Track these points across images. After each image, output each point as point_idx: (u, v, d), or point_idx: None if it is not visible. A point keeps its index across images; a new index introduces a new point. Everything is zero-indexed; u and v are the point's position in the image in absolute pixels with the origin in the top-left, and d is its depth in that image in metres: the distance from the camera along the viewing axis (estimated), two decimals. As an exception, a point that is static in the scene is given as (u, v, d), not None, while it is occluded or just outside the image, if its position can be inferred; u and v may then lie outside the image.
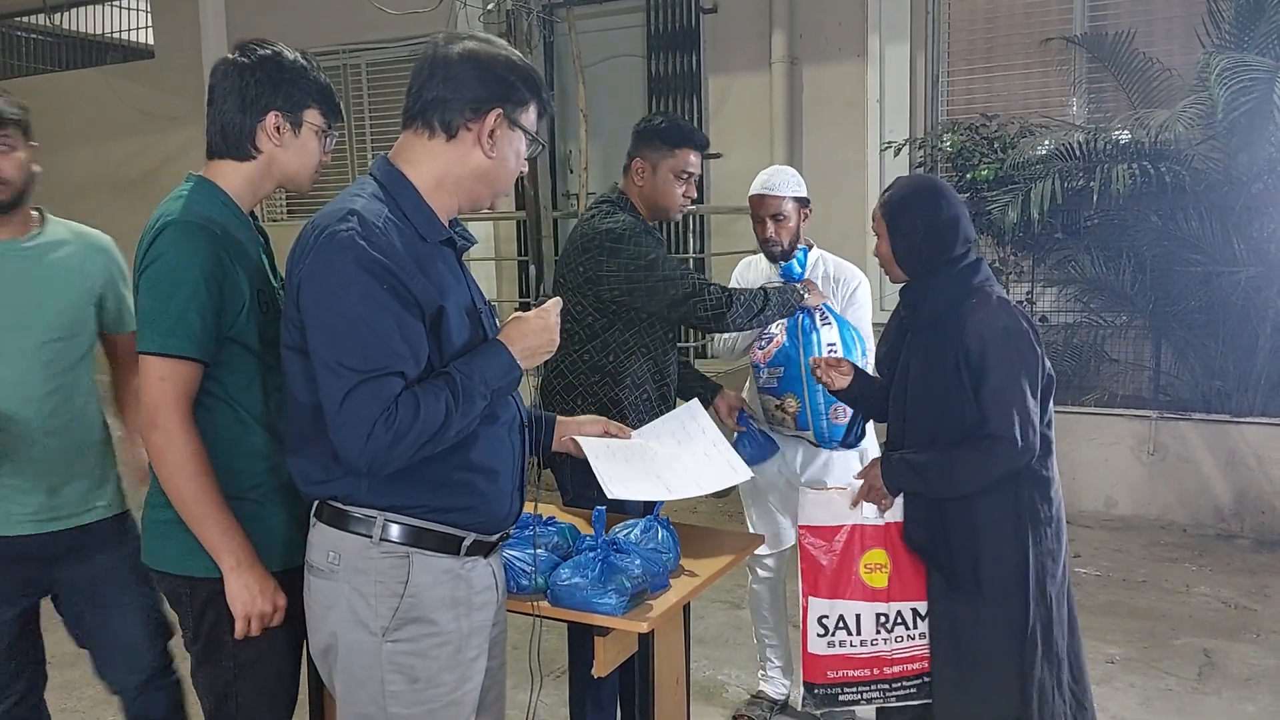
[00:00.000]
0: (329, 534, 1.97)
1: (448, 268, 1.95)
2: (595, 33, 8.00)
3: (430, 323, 1.87)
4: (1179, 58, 6.44)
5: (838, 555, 2.77)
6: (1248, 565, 5.27)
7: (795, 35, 7.47)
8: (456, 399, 1.85)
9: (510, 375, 1.96)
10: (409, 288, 1.83)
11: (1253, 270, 5.62)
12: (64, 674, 4.25)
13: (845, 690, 2.78)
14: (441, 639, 1.97)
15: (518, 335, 1.99)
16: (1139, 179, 5.66)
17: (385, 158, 1.99)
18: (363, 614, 1.94)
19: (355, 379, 1.79)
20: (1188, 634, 4.45)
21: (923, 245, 2.65)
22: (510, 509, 2.08)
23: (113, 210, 10.54)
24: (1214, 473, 5.75)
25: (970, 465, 2.56)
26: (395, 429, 1.79)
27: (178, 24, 10.06)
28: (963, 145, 6.54)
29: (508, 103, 1.94)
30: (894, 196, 2.71)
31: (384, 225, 1.85)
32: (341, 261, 1.81)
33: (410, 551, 1.94)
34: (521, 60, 1.99)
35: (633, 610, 2.34)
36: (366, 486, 1.92)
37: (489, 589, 2.08)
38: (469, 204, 2.02)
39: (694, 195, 3.21)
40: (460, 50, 1.94)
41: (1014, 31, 7.07)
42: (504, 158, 1.98)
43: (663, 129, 3.13)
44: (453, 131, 1.94)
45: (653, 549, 2.56)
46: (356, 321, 1.80)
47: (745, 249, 7.72)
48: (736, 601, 4.81)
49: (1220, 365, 5.99)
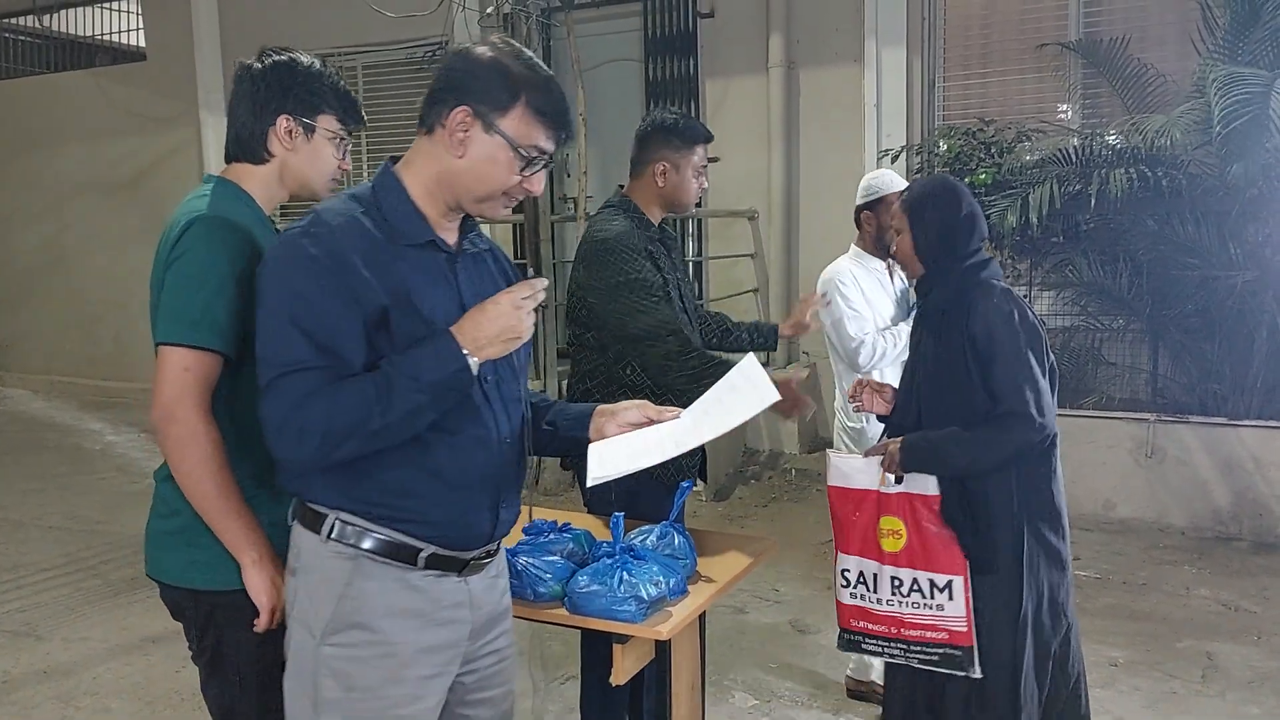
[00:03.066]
0: (295, 529, 1.96)
1: (421, 270, 1.88)
2: (593, 37, 8.01)
3: (373, 321, 1.81)
4: (1173, 64, 6.48)
5: (860, 517, 2.88)
6: (1247, 567, 5.30)
7: (792, 40, 7.50)
8: (378, 392, 1.77)
9: (450, 367, 1.81)
10: (350, 285, 1.79)
11: (1248, 274, 5.66)
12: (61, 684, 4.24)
13: (868, 640, 2.91)
14: (385, 649, 1.90)
15: (470, 325, 1.85)
16: (1135, 184, 5.69)
17: (391, 157, 1.98)
18: (307, 613, 1.91)
19: (273, 373, 1.79)
20: (1189, 637, 4.47)
21: (939, 240, 2.81)
22: (482, 526, 1.98)
23: (103, 212, 10.56)
24: (1211, 475, 5.78)
25: (988, 443, 2.65)
26: (304, 425, 1.76)
27: (169, 26, 10.02)
28: (959, 150, 6.56)
29: (478, 102, 1.85)
30: (915, 193, 2.92)
31: (342, 223, 1.83)
32: (278, 260, 1.82)
33: (358, 554, 1.89)
34: (521, 67, 1.88)
35: (651, 617, 2.34)
36: (320, 484, 1.89)
37: (459, 607, 1.99)
38: (459, 208, 1.94)
39: (707, 185, 3.28)
40: (463, 50, 1.92)
41: (1009, 37, 7.11)
42: (475, 161, 1.87)
43: (680, 128, 3.15)
44: (429, 127, 1.90)
45: (669, 555, 2.56)
46: (280, 318, 1.79)
47: (742, 252, 7.75)
48: (740, 606, 4.82)
49: (1217, 368, 6.02)
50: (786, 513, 6.44)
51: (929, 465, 2.74)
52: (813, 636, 4.53)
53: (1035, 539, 2.71)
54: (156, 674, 4.28)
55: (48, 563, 5.70)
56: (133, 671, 4.32)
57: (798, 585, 5.13)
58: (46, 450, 8.55)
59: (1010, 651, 2.71)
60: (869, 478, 2.85)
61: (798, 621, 4.71)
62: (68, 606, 5.05)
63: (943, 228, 2.81)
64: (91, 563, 5.68)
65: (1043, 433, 2.63)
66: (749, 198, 7.72)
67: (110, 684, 4.22)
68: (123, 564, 5.60)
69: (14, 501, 6.95)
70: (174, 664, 4.28)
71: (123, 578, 5.39)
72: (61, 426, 9.42)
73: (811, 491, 6.76)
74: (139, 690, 4.16)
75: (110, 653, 4.50)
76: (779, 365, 7.62)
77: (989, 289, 2.75)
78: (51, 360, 10.97)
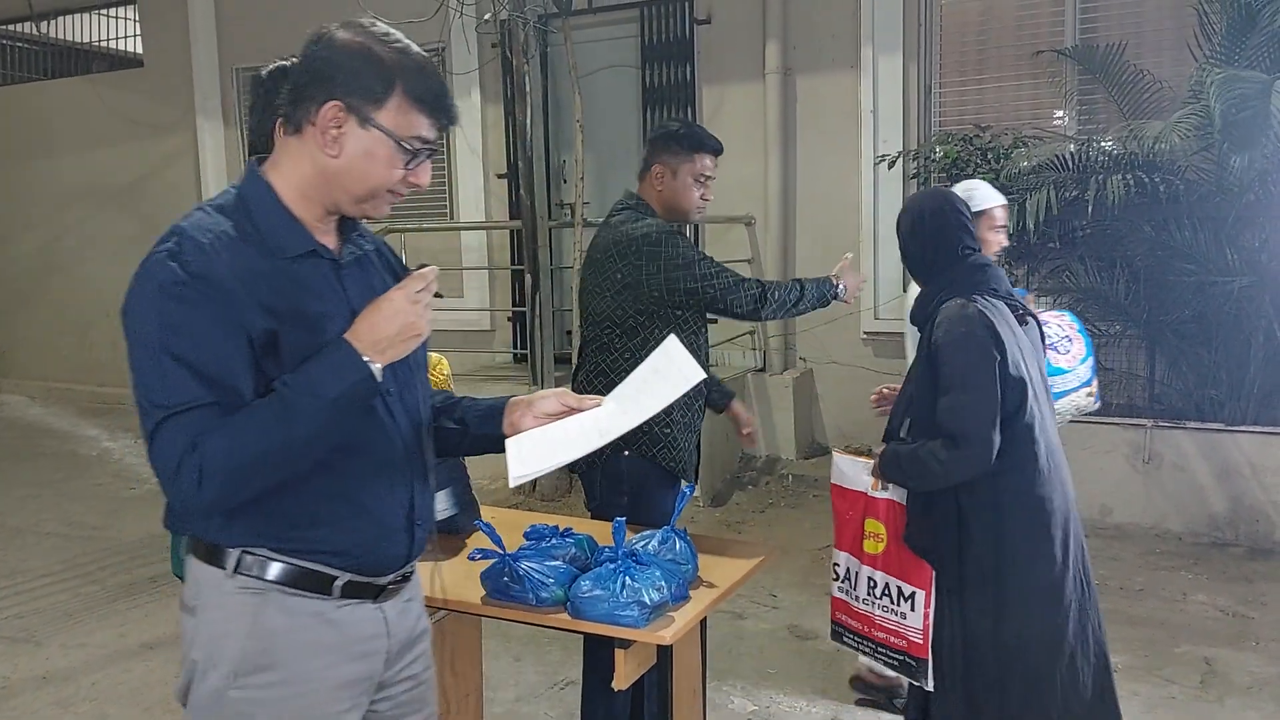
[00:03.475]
0: (193, 566, 1.81)
1: (305, 284, 1.75)
2: (590, 43, 8.02)
3: (260, 346, 1.67)
4: (1169, 69, 6.49)
5: (851, 515, 2.95)
6: (1243, 573, 5.31)
7: (789, 46, 7.51)
8: (279, 417, 1.64)
9: (351, 378, 1.68)
10: (230, 310, 1.64)
11: (1245, 280, 5.67)
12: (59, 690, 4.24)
13: (847, 635, 3.01)
14: (297, 689, 1.79)
15: (366, 328, 1.71)
16: (1132, 189, 5.70)
17: (254, 160, 1.81)
18: (211, 655, 1.77)
19: (159, 415, 1.62)
20: (1188, 642, 4.48)
21: (915, 253, 2.89)
22: (398, 548, 1.88)
23: (100, 218, 10.56)
24: (1208, 481, 5.79)
25: (932, 461, 2.61)
26: (203, 467, 1.60)
27: (167, 33, 10.01)
28: (956, 156, 6.58)
29: (350, 95, 1.70)
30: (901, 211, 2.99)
31: (212, 240, 1.67)
32: (145, 288, 1.64)
33: (266, 588, 1.77)
34: (393, 53, 1.74)
35: (654, 622, 2.35)
36: (220, 522, 1.75)
37: (376, 638, 1.88)
38: (338, 210, 1.80)
39: (711, 198, 3.33)
40: (323, 36, 1.76)
41: (1005, 43, 7.13)
42: (353, 159, 1.72)
43: (681, 135, 3.24)
44: (297, 125, 1.74)
45: (671, 560, 2.56)
46: (157, 354, 1.62)
47: (739, 258, 7.76)
48: (738, 612, 4.82)
49: (1213, 374, 6.03)
50: (783, 518, 6.44)
51: (893, 476, 2.78)
52: (811, 642, 4.54)
53: (1011, 561, 2.65)
54: (155, 680, 4.27)
55: (45, 569, 5.69)
56: (131, 677, 4.32)
57: (795, 591, 5.13)
58: (43, 456, 8.54)
59: (975, 675, 2.69)
60: (863, 480, 2.90)
61: (796, 627, 4.71)
62: (65, 612, 5.04)
63: (911, 241, 2.88)
64: (89, 569, 5.67)
65: (980, 457, 2.56)
66: (746, 203, 7.73)
67: (108, 690, 4.21)
68: (120, 570, 5.60)
69: (11, 508, 6.94)
70: (172, 670, 4.25)
71: (120, 583, 5.39)
72: (58, 432, 9.41)
73: (808, 497, 6.77)
74: (137, 696, 4.15)
75: (108, 658, 4.49)
76: (776, 370, 7.63)
77: (953, 304, 2.70)
78: (48, 366, 10.95)
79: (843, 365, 7.55)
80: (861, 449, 2.99)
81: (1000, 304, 2.75)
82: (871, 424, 8.12)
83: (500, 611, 2.48)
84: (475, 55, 8.47)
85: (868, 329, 7.43)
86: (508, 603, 2.46)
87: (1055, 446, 2.75)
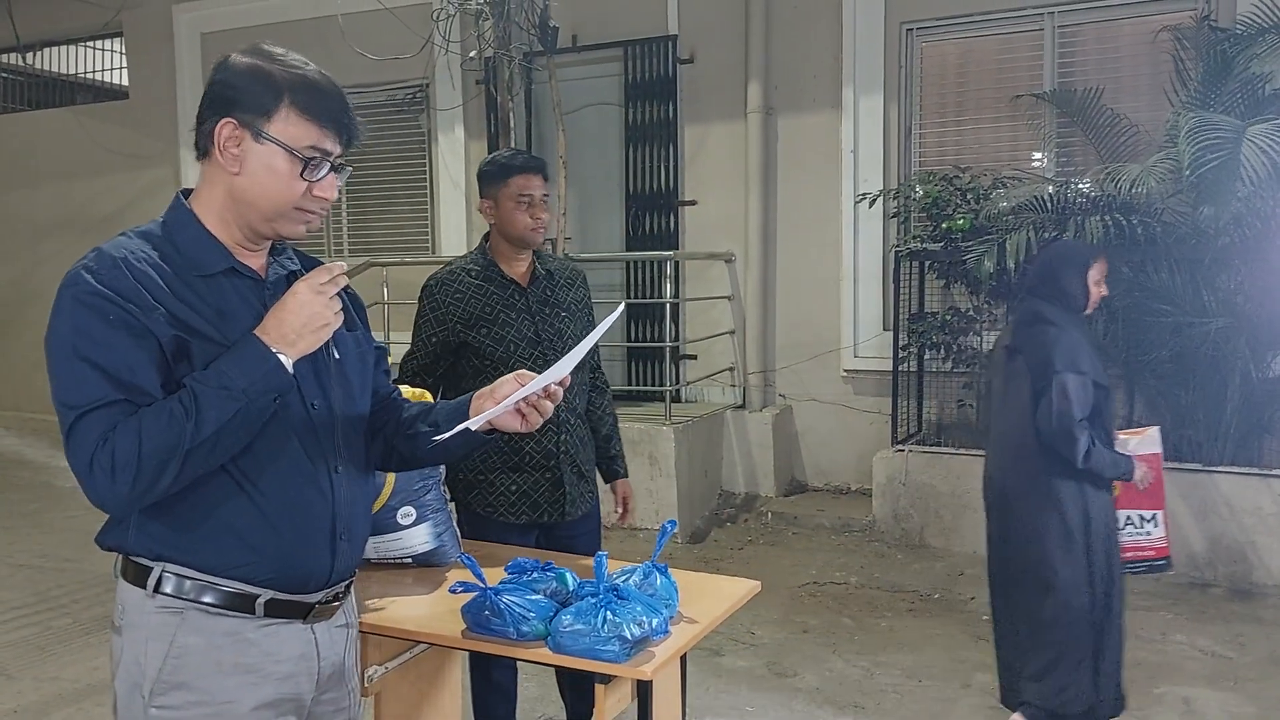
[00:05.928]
0: (121, 587, 1.84)
1: (223, 300, 1.79)
2: (574, 81, 8.08)
3: (171, 352, 1.71)
4: (1146, 114, 6.59)
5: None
6: (1222, 613, 5.33)
7: (771, 86, 7.58)
8: (187, 409, 1.66)
9: (259, 368, 1.71)
10: (136, 316, 1.69)
11: (1221, 321, 5.72)
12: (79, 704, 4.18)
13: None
14: (211, 709, 1.79)
15: (273, 322, 1.75)
16: (1110, 231, 5.75)
17: (181, 191, 1.90)
18: (133, 673, 1.80)
19: (73, 415, 1.67)
20: (1166, 682, 4.48)
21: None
22: (319, 563, 1.87)
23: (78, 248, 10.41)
24: (1187, 521, 5.81)
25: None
26: (114, 459, 1.64)
27: (152, 65, 10.05)
28: (937, 195, 6.63)
29: (242, 112, 1.76)
30: None
31: (125, 256, 1.73)
32: (61, 300, 1.71)
33: (185, 608, 1.78)
34: (280, 69, 1.79)
35: (635, 657, 2.34)
36: (134, 536, 1.78)
37: (304, 659, 1.89)
38: (252, 231, 1.83)
39: (544, 217, 3.24)
40: (223, 62, 1.82)
41: (985, 87, 7.22)
42: (254, 173, 1.78)
43: (488, 167, 3.28)
44: (203, 150, 1.81)
45: (653, 595, 2.55)
46: (70, 357, 1.68)
47: (719, 294, 7.80)
48: (716, 649, 4.79)
49: (1191, 414, 6.08)
50: (762, 555, 6.43)
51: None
52: (789, 680, 4.52)
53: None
54: (127, 715, 4.22)
55: (18, 601, 5.62)
56: (104, 712, 4.25)
57: (774, 628, 5.12)
58: (17, 488, 8.45)
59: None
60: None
61: (775, 664, 4.69)
62: (38, 646, 4.97)
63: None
64: (62, 601, 5.61)
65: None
66: (726, 240, 7.78)
67: (80, 725, 4.16)
68: (93, 602, 5.54)
69: (-17, 539, 6.86)
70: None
71: (93, 616, 5.32)
72: (33, 464, 9.32)
73: (788, 535, 6.76)
74: (109, 732, 4.10)
75: (81, 692, 4.43)
76: (755, 407, 7.64)
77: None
78: (23, 397, 10.86)
79: (822, 403, 7.57)
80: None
81: None
82: (851, 462, 8.16)
83: (481, 645, 2.47)
84: (460, 91, 8.53)
85: (848, 367, 7.45)
86: (489, 636, 2.45)
87: None
